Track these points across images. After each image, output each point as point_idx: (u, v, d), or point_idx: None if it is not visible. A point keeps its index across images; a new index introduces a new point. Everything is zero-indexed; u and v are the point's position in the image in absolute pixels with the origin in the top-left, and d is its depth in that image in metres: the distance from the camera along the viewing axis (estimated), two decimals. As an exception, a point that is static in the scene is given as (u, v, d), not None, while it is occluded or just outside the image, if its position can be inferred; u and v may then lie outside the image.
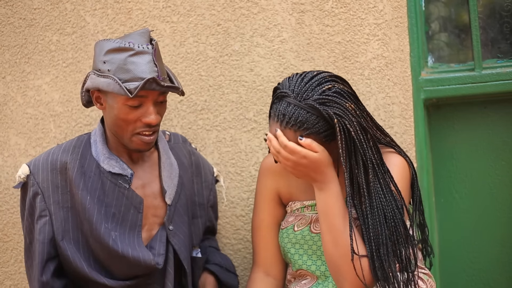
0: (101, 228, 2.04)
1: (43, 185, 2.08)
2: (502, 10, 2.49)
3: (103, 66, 2.01)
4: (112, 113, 2.04)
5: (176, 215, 2.16)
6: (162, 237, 2.12)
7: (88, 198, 2.05)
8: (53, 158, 2.11)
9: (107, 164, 2.09)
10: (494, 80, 2.40)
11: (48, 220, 2.07)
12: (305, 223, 2.10)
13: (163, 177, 2.15)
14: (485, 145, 2.50)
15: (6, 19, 2.68)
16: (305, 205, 2.13)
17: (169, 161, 2.18)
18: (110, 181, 2.08)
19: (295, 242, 2.11)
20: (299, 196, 2.16)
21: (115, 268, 2.07)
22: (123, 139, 2.07)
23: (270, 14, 2.52)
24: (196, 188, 2.28)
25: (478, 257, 2.51)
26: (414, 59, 2.43)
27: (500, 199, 2.49)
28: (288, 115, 1.92)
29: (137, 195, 2.09)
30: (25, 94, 2.66)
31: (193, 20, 2.57)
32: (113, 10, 2.61)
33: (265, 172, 2.22)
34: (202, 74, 2.56)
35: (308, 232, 2.09)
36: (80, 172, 2.08)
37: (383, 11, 2.44)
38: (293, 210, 2.16)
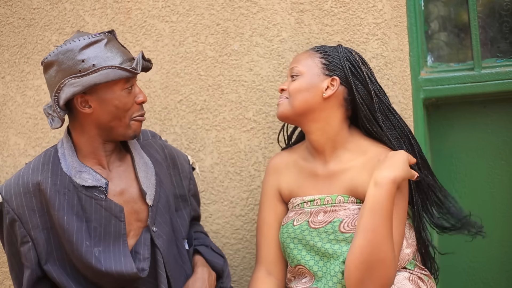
0: (82, 247, 1.99)
1: (19, 211, 2.02)
2: (502, 10, 2.49)
3: (83, 64, 1.96)
4: (109, 107, 2.01)
5: (158, 215, 2.11)
6: (146, 240, 2.07)
7: (66, 218, 2.00)
8: (23, 181, 2.04)
9: (79, 178, 2.03)
10: (494, 79, 2.40)
11: (31, 246, 2.02)
12: (304, 218, 2.12)
13: (140, 179, 2.09)
14: (485, 144, 2.50)
15: (5, 19, 2.68)
16: (305, 200, 2.16)
17: (143, 161, 2.13)
18: (85, 195, 2.02)
19: (294, 237, 2.12)
20: (299, 192, 2.19)
21: (104, 282, 2.04)
22: (119, 130, 2.04)
23: (269, 14, 2.51)
24: (175, 181, 2.23)
25: (477, 256, 2.51)
26: (414, 59, 2.43)
27: (499, 198, 2.49)
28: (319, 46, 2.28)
29: (116, 204, 2.03)
30: (24, 94, 2.66)
31: (193, 20, 2.57)
32: (112, 9, 2.61)
33: (269, 171, 2.28)
34: (202, 73, 2.56)
35: (307, 227, 2.10)
36: (54, 191, 2.02)
37: (382, 11, 2.44)
38: (293, 206, 2.19)
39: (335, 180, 2.12)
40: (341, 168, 2.13)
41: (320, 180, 2.15)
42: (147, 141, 2.23)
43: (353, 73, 2.13)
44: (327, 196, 2.12)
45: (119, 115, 2.02)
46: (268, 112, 2.51)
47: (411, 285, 2.04)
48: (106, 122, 2.03)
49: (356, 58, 2.16)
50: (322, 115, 2.13)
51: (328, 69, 2.13)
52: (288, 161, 2.25)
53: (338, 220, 2.06)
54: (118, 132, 2.05)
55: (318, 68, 2.14)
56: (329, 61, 2.14)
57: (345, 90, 2.14)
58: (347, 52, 2.17)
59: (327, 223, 2.07)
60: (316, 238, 2.08)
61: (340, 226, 2.05)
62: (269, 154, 2.51)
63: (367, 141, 2.15)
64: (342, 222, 2.06)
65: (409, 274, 2.07)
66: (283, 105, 2.16)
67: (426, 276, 2.11)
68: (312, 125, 2.14)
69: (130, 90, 2.03)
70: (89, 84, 1.96)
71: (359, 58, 2.17)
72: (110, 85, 1.99)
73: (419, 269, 2.11)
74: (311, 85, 2.12)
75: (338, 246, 2.05)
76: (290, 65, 2.20)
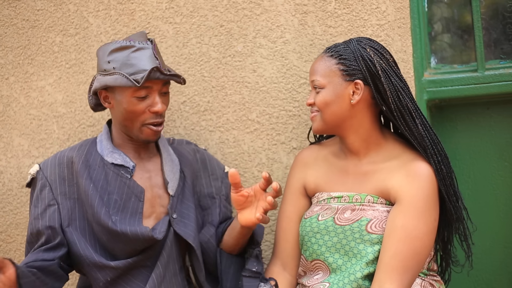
0: (101, 211, 2.14)
1: (51, 178, 2.20)
2: (505, 11, 2.49)
3: (108, 65, 2.15)
4: (121, 108, 2.17)
5: (179, 204, 2.23)
6: (165, 221, 2.19)
7: (91, 186, 2.16)
8: (60, 155, 2.25)
9: (110, 157, 2.22)
10: (497, 81, 2.40)
11: (56, 209, 2.18)
12: (330, 214, 2.11)
13: (165, 171, 2.24)
14: (488, 146, 2.49)
15: (9, 20, 2.68)
16: (332, 196, 2.15)
17: (170, 158, 2.29)
18: (112, 172, 2.20)
19: (317, 232, 2.11)
20: (326, 187, 2.18)
21: (117, 248, 2.15)
22: (133, 132, 2.20)
23: (273, 15, 2.52)
24: (204, 182, 2.35)
25: (480, 257, 2.51)
26: (417, 60, 2.43)
27: (503, 200, 2.49)
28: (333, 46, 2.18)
29: (138, 185, 2.19)
30: (28, 95, 2.66)
31: (196, 21, 2.57)
32: (116, 11, 2.61)
33: (296, 164, 2.28)
34: (205, 75, 2.57)
35: (332, 223, 2.09)
36: (85, 165, 2.20)
37: (386, 12, 2.44)
38: (319, 200, 2.18)
39: (365, 179, 2.11)
40: (373, 169, 2.11)
41: (350, 177, 2.14)
42: (180, 145, 2.39)
43: (370, 73, 2.07)
44: (356, 194, 2.10)
45: (129, 118, 2.17)
46: (271, 113, 2.51)
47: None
48: (121, 121, 2.20)
49: (371, 54, 2.08)
50: (354, 121, 2.10)
51: (348, 74, 2.08)
52: (318, 156, 2.25)
53: (366, 219, 2.05)
54: (132, 133, 2.21)
55: (338, 76, 2.09)
56: (347, 65, 2.09)
57: (370, 90, 2.09)
58: (360, 49, 2.10)
59: (354, 221, 2.06)
60: (340, 235, 2.06)
61: (368, 226, 2.04)
62: (273, 155, 2.51)
63: (400, 145, 2.13)
64: (370, 222, 2.04)
65: (421, 281, 2.07)
66: (316, 121, 2.14)
67: (437, 283, 2.11)
68: (347, 132, 2.13)
69: (144, 99, 2.15)
70: (104, 84, 2.15)
71: (373, 53, 2.09)
72: (123, 89, 2.15)
73: (430, 276, 2.11)
74: (336, 96, 2.09)
75: (363, 246, 2.03)
76: (310, 77, 2.15)
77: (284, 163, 2.51)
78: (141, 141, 2.22)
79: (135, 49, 2.14)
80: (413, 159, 2.06)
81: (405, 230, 1.98)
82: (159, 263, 2.15)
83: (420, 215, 1.99)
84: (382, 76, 2.06)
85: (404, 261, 1.96)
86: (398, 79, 2.09)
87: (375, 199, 2.07)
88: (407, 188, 2.02)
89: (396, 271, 1.95)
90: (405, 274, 1.96)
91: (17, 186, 2.65)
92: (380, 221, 2.04)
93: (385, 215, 2.04)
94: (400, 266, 1.96)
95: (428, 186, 2.02)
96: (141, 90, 2.13)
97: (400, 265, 1.96)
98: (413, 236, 1.97)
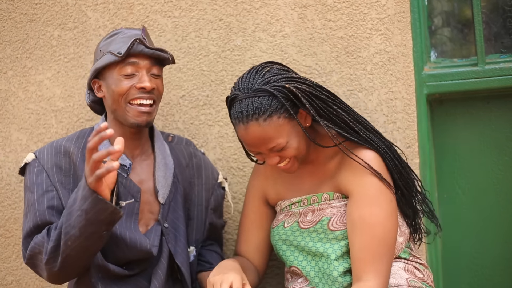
0: None
1: (47, 166, 2.14)
2: (505, 5, 2.48)
3: (99, 54, 2.15)
4: (110, 91, 2.12)
5: (171, 213, 2.20)
6: (157, 231, 2.16)
7: None
8: (57, 144, 2.19)
9: None
10: (497, 75, 2.39)
11: (55, 194, 2.10)
12: (294, 219, 2.14)
13: (156, 177, 2.19)
14: (488, 140, 2.49)
15: (7, 14, 2.67)
16: (293, 202, 2.17)
17: (164, 162, 2.23)
18: None
19: (285, 239, 2.13)
20: (287, 194, 2.19)
21: (108, 249, 2.10)
22: (121, 115, 2.12)
23: (272, 9, 2.51)
24: (197, 190, 2.32)
25: (481, 252, 2.50)
26: (417, 54, 2.42)
27: (503, 195, 2.48)
28: (244, 110, 1.95)
29: (135, 184, 2.14)
30: (26, 90, 2.65)
31: (195, 15, 2.56)
32: (115, 5, 2.60)
33: (256, 174, 2.29)
34: (204, 69, 2.56)
35: (297, 228, 2.11)
36: (82, 160, 2.15)
37: (385, 6, 2.43)
38: (282, 208, 2.20)
39: (320, 180, 2.12)
40: (325, 168, 2.12)
41: (307, 182, 2.15)
42: (178, 145, 2.34)
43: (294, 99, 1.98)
44: (313, 195, 2.12)
45: (117, 99, 2.11)
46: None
47: (407, 274, 2.06)
48: (111, 105, 2.14)
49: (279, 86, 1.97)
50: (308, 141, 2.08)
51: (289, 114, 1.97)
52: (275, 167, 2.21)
53: (327, 218, 2.07)
54: (120, 116, 2.14)
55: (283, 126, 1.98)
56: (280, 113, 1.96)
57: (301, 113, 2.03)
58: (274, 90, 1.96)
59: (316, 222, 2.08)
60: (307, 238, 2.09)
61: (329, 224, 2.06)
62: (272, 149, 2.51)
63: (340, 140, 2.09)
64: (331, 219, 2.06)
65: (404, 264, 2.08)
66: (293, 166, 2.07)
67: (421, 266, 2.11)
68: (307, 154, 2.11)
69: (130, 75, 2.10)
70: (95, 69, 2.14)
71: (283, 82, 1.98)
72: (111, 70, 2.11)
73: (414, 257, 2.11)
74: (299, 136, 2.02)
75: (329, 244, 2.05)
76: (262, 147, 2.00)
77: (283, 157, 2.50)
78: (130, 126, 2.12)
79: (125, 33, 2.14)
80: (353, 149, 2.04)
81: (363, 220, 1.98)
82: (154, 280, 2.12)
83: (373, 201, 1.99)
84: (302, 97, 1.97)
85: (371, 250, 1.97)
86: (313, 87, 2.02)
87: (331, 196, 2.09)
88: (354, 178, 2.02)
89: (367, 262, 1.96)
90: (378, 262, 1.96)
91: (16, 181, 2.64)
92: (340, 216, 2.06)
93: (343, 209, 2.06)
94: (369, 256, 1.97)
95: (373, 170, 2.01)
96: (126, 66, 2.09)
97: (369, 255, 1.97)
98: (372, 224, 1.97)
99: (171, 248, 2.16)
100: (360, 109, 2.44)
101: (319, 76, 2.47)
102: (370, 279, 1.95)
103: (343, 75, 2.46)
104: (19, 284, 2.65)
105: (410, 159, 2.41)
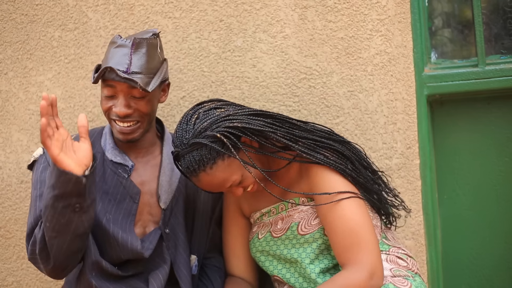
0: (98, 206, 2.12)
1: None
2: (506, 6, 2.48)
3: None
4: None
5: (172, 218, 2.21)
6: (156, 235, 2.17)
7: None
8: None
9: (111, 153, 2.20)
10: (498, 76, 2.39)
11: None
12: (266, 229, 2.16)
13: (160, 182, 2.20)
14: (489, 141, 2.49)
15: (8, 15, 2.67)
16: (263, 212, 2.19)
17: (171, 166, 2.23)
18: (110, 169, 2.17)
19: (262, 250, 2.16)
20: (257, 206, 2.21)
21: (104, 248, 2.13)
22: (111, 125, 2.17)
23: (272, 10, 2.51)
24: (203, 197, 2.30)
25: (481, 253, 2.51)
26: (417, 55, 2.43)
27: (503, 196, 2.48)
28: (189, 165, 1.98)
29: (135, 185, 2.16)
30: (27, 90, 2.65)
31: (196, 16, 2.56)
32: (115, 5, 2.60)
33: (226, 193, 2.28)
34: (205, 70, 2.56)
35: (271, 238, 2.14)
36: None
37: (386, 7, 2.43)
38: (255, 220, 2.23)
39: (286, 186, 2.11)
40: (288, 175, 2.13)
41: (274, 190, 2.11)
42: None
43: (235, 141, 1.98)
44: (280, 203, 2.14)
45: (104, 111, 2.16)
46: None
47: (390, 265, 2.05)
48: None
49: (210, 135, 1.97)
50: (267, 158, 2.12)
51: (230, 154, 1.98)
52: None
53: (295, 224, 2.09)
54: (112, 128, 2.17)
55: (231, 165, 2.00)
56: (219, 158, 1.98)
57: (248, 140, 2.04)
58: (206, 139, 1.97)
59: (286, 229, 2.10)
60: (281, 246, 2.11)
61: (298, 229, 2.08)
62: (272, 150, 2.51)
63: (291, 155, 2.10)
64: (299, 224, 2.08)
65: (386, 255, 2.08)
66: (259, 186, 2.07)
67: (404, 255, 2.10)
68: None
69: (110, 98, 2.12)
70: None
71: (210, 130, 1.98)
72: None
73: (395, 248, 2.11)
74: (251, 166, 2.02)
75: (302, 249, 2.07)
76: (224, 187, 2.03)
77: (284, 158, 2.50)
78: (120, 139, 2.15)
79: (116, 46, 2.11)
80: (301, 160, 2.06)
81: (333, 221, 1.99)
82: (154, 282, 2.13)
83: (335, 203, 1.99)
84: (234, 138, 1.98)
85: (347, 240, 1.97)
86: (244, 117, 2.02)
87: (296, 201, 2.10)
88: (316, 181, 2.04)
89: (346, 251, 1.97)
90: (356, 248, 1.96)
91: (16, 182, 2.65)
92: (308, 220, 2.08)
93: (310, 212, 2.08)
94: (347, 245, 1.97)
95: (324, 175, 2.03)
96: (105, 88, 2.11)
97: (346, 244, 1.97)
98: (343, 221, 1.98)
99: (171, 256, 2.18)
100: (361, 110, 2.45)
101: (320, 77, 2.48)
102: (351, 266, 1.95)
103: (343, 76, 2.47)
104: (19, 285, 2.66)
105: (410, 160, 2.41)
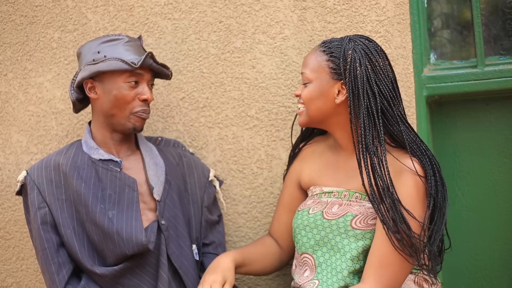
0: (96, 209, 2.16)
1: (38, 181, 2.22)
2: (505, 7, 2.48)
3: (98, 55, 2.19)
4: (110, 96, 2.20)
5: (167, 210, 2.24)
6: (153, 228, 2.20)
7: (83, 185, 2.19)
8: (47, 159, 2.27)
9: (97, 154, 2.24)
10: (497, 77, 2.39)
11: (47, 211, 2.19)
12: (320, 208, 2.13)
13: (149, 175, 2.25)
14: (488, 142, 2.49)
15: (7, 17, 2.68)
16: (324, 191, 2.17)
17: (154, 161, 2.30)
18: (101, 168, 2.22)
19: (306, 225, 2.13)
20: (319, 181, 2.21)
21: (107, 249, 2.15)
22: (120, 120, 2.22)
23: (272, 11, 2.51)
24: (190, 188, 2.36)
25: (480, 254, 2.51)
26: (417, 56, 2.43)
27: (502, 197, 2.48)
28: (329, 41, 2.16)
29: (130, 176, 2.22)
30: (26, 92, 2.65)
31: (195, 17, 2.56)
32: (115, 7, 2.61)
33: (299, 156, 2.33)
34: (204, 71, 2.56)
35: (320, 217, 2.11)
36: (73, 166, 2.22)
37: (385, 8, 2.44)
38: (313, 194, 2.21)
39: (355, 175, 2.10)
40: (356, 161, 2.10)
41: (341, 172, 2.14)
42: (166, 148, 2.41)
43: (350, 77, 2.03)
44: (345, 190, 2.12)
45: (118, 105, 2.20)
46: (270, 109, 2.51)
47: (415, 286, 2.04)
48: (108, 110, 2.22)
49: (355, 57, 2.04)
50: (340, 119, 2.10)
51: (336, 73, 2.07)
52: (315, 150, 2.28)
53: (352, 215, 2.05)
54: (119, 121, 2.22)
55: (326, 73, 2.09)
56: (336, 64, 2.07)
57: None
58: (349, 49, 2.06)
59: (340, 216, 2.07)
60: (327, 229, 2.08)
61: (352, 221, 2.05)
62: (272, 151, 2.51)
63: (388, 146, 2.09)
64: (355, 217, 2.05)
65: (414, 276, 2.06)
66: (301, 115, 2.15)
67: (432, 278, 2.09)
68: (333, 128, 2.14)
69: (134, 85, 2.20)
70: (95, 70, 2.17)
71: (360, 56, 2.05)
72: (114, 76, 2.19)
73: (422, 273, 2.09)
74: (321, 93, 2.09)
75: (348, 241, 2.04)
76: (302, 68, 2.15)
77: (283, 159, 2.50)
78: (127, 130, 2.23)
79: (127, 41, 2.22)
80: (399, 157, 2.02)
81: (385, 235, 1.96)
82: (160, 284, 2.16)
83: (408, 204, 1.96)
84: (360, 83, 2.02)
85: (381, 257, 1.96)
86: (384, 85, 2.04)
87: (362, 197, 2.08)
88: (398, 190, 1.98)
89: (374, 266, 1.96)
90: (384, 269, 1.95)
91: (16, 183, 2.65)
92: (365, 217, 2.05)
93: (371, 211, 2.05)
94: (378, 261, 1.96)
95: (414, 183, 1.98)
96: (132, 76, 2.18)
97: (378, 260, 1.96)
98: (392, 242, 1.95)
99: (167, 248, 2.20)
100: (360, 111, 2.45)
101: (319, 78, 2.48)
102: (367, 283, 1.94)
103: (342, 77, 2.47)
104: (19, 286, 2.66)
105: (409, 161, 2.41)
